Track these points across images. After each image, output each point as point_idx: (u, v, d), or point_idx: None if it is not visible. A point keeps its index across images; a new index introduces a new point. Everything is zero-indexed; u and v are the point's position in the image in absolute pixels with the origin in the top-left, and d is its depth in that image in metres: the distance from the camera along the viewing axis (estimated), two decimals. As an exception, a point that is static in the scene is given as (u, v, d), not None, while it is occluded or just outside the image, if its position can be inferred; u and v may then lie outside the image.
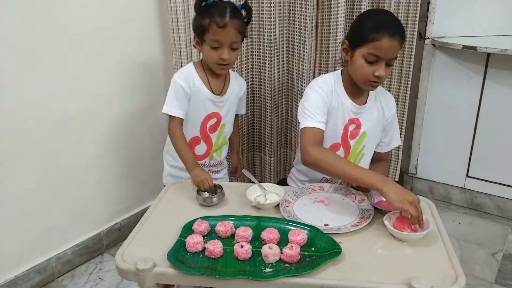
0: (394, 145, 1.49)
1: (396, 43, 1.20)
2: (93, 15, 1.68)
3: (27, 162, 1.61)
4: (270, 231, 1.07)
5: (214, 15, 1.32)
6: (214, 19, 1.31)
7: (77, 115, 1.72)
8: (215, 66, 1.39)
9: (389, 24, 1.22)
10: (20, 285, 1.67)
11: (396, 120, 1.47)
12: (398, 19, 1.27)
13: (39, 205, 1.68)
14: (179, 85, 1.39)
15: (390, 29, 1.20)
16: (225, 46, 1.35)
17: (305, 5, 1.88)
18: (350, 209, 1.23)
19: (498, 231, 2.10)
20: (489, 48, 1.92)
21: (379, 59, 1.21)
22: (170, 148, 1.48)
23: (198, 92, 1.42)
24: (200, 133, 1.49)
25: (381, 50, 1.20)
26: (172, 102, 1.39)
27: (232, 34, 1.34)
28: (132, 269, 0.99)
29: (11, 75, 1.50)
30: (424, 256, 1.03)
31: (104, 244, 1.97)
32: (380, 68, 1.22)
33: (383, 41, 1.19)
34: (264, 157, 2.22)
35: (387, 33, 1.19)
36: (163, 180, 1.61)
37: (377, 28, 1.20)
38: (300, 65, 2.01)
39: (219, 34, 1.32)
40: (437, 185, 2.37)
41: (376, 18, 1.25)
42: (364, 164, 1.45)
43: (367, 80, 1.26)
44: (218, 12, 1.32)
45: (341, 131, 1.37)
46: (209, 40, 1.34)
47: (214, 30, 1.32)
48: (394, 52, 1.21)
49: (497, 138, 2.12)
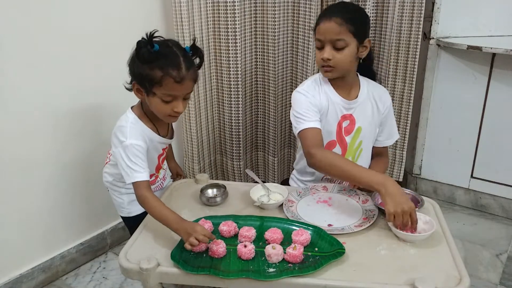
0: (393, 139, 1.48)
1: (333, 24, 1.25)
2: (97, 14, 1.69)
3: (32, 161, 1.61)
4: (274, 231, 1.07)
5: (168, 68, 1.12)
6: (169, 73, 1.12)
7: (81, 114, 1.72)
8: (166, 118, 1.23)
9: (327, 9, 1.33)
10: (25, 284, 1.68)
11: (392, 114, 1.45)
12: (344, 5, 1.37)
13: (43, 204, 1.69)
14: (137, 146, 1.19)
15: (328, 12, 1.29)
16: (179, 99, 1.18)
17: (309, 5, 1.88)
18: (353, 210, 1.22)
19: (502, 232, 2.09)
20: (494, 48, 1.91)
21: (322, 42, 1.28)
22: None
23: (151, 142, 1.28)
24: (155, 170, 1.40)
25: (319, 33, 1.28)
26: (134, 168, 1.17)
27: (189, 87, 1.18)
28: (135, 268, 1.00)
29: (13, 75, 1.51)
30: (428, 257, 1.03)
31: (108, 243, 1.97)
32: (324, 52, 1.27)
33: (321, 24, 1.27)
34: (268, 157, 2.23)
35: (324, 17, 1.27)
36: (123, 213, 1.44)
37: (319, 16, 1.31)
38: (304, 65, 2.01)
39: (175, 89, 1.15)
40: (442, 185, 2.36)
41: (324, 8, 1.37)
42: (363, 160, 1.44)
43: (321, 66, 1.31)
44: (172, 64, 1.13)
45: (335, 129, 1.37)
46: (162, 94, 1.16)
47: (169, 85, 1.14)
48: (334, 34, 1.25)
49: (502, 138, 2.11)
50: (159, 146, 1.33)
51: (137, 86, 1.20)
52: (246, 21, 1.95)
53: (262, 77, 2.09)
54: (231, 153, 2.12)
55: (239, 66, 1.95)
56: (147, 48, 1.12)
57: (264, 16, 1.96)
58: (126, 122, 1.24)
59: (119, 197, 1.43)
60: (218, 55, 1.94)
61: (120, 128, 1.23)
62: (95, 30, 1.69)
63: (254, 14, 1.98)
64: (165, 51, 1.15)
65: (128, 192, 1.42)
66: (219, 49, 1.93)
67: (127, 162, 1.18)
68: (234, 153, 2.11)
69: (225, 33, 1.87)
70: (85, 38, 1.67)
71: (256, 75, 2.10)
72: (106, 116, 1.81)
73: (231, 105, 2.00)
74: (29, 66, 1.53)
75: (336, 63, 1.27)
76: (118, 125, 1.26)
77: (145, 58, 1.12)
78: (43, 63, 1.57)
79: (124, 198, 1.42)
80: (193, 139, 1.96)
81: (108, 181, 1.43)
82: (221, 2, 1.83)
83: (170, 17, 1.80)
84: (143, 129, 1.25)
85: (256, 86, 2.12)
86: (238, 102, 2.00)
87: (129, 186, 1.41)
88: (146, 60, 1.13)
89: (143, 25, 1.85)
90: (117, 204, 1.45)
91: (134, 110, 1.28)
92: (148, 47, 1.12)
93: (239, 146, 2.09)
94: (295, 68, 2.09)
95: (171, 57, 1.14)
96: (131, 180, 1.17)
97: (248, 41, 2.00)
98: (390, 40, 2.01)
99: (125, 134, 1.20)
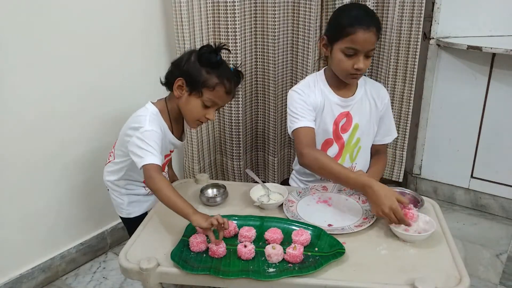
0: (391, 137, 1.48)
1: (371, 34, 1.23)
2: (97, 14, 1.69)
3: (32, 161, 1.61)
4: (274, 231, 1.07)
5: (224, 78, 1.23)
6: (224, 83, 1.23)
7: (80, 114, 1.72)
8: (193, 122, 1.30)
9: (363, 16, 1.25)
10: (25, 284, 1.68)
11: (390, 111, 1.45)
12: (372, 11, 1.33)
13: (43, 204, 1.69)
14: (155, 132, 1.22)
15: (364, 21, 1.23)
16: (215, 108, 1.28)
17: (309, 5, 1.88)
18: (353, 210, 1.22)
19: (502, 232, 2.09)
20: (494, 48, 1.91)
21: (357, 51, 1.24)
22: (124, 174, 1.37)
23: (164, 138, 1.30)
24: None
25: (357, 43, 1.23)
26: (149, 151, 1.18)
27: (229, 99, 1.30)
28: (135, 268, 1.00)
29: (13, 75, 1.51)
30: (428, 257, 1.03)
31: (108, 243, 1.97)
32: (358, 61, 1.25)
33: (359, 34, 1.22)
34: (268, 157, 2.23)
35: (362, 26, 1.22)
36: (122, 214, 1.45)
37: (352, 22, 1.23)
38: (304, 65, 2.01)
39: (222, 98, 1.26)
40: (442, 185, 2.36)
41: (350, 12, 1.29)
42: (362, 158, 1.44)
43: (348, 73, 1.28)
44: (228, 76, 1.25)
45: (331, 127, 1.38)
46: (207, 98, 1.24)
47: (219, 93, 1.24)
48: (371, 44, 1.24)
49: (502, 138, 2.11)
50: (169, 146, 1.36)
51: (182, 82, 1.25)
52: (246, 21, 1.95)
53: (262, 77, 2.09)
54: (231, 153, 2.12)
55: (239, 66, 1.94)
56: (212, 54, 1.22)
57: (264, 16, 1.96)
58: (145, 112, 1.27)
59: (119, 197, 1.43)
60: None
61: (138, 118, 1.27)
62: (95, 30, 1.69)
63: (254, 14, 1.98)
64: (224, 64, 1.26)
65: (129, 193, 1.43)
66: (219, 49, 1.92)
67: (141, 145, 1.18)
68: (234, 153, 2.11)
69: (225, 33, 1.87)
70: (85, 38, 1.67)
71: (256, 75, 2.10)
72: (106, 116, 1.81)
73: (231, 105, 2.00)
74: (29, 66, 1.53)
75: (365, 71, 1.29)
76: (135, 115, 1.30)
77: (208, 62, 1.22)
78: (43, 63, 1.57)
79: (125, 199, 1.43)
80: (193, 139, 1.96)
81: (109, 180, 1.43)
82: (221, 2, 1.83)
83: (170, 17, 1.80)
84: (161, 123, 1.29)
85: (256, 86, 2.12)
86: (238, 102, 2.00)
87: (130, 187, 1.41)
88: (209, 64, 1.23)
89: (143, 25, 1.86)
90: (116, 204, 1.45)
91: (156, 104, 1.31)
92: (213, 54, 1.23)
93: (239, 146, 2.09)
94: (295, 68, 2.09)
95: (226, 69, 1.26)
96: (143, 163, 1.16)
97: (248, 41, 2.00)
98: (390, 40, 2.01)
99: (143, 122, 1.23)
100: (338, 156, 1.41)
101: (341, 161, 1.41)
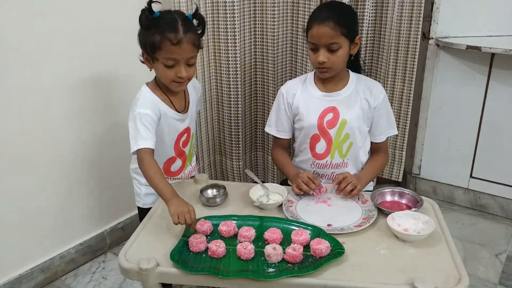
0: (390, 134, 1.47)
1: (327, 28, 1.26)
2: (96, 14, 1.69)
3: (31, 161, 1.61)
4: (273, 231, 1.07)
5: (165, 30, 1.17)
6: (166, 35, 1.17)
7: (79, 113, 1.72)
8: (172, 84, 1.26)
9: (319, 11, 1.31)
10: (24, 284, 1.68)
11: (386, 108, 1.43)
12: (335, 5, 1.38)
13: (42, 204, 1.69)
14: (145, 115, 1.23)
15: (319, 16, 1.28)
16: (181, 63, 1.22)
17: (308, 4, 1.88)
18: (353, 210, 1.22)
19: (502, 232, 2.09)
20: (494, 48, 1.91)
21: (316, 45, 1.29)
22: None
23: (165, 116, 1.30)
24: (175, 152, 1.39)
25: (313, 37, 1.29)
26: (140, 135, 1.21)
27: (188, 50, 1.21)
28: (135, 269, 0.99)
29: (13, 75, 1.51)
30: (428, 256, 1.03)
31: (108, 243, 1.97)
32: (320, 55, 1.29)
33: (314, 28, 1.28)
34: (267, 157, 2.22)
35: (316, 21, 1.27)
36: (139, 203, 1.47)
37: (310, 19, 1.31)
38: (303, 65, 2.01)
39: (174, 51, 1.19)
40: (441, 185, 2.36)
41: (315, 10, 1.36)
42: (356, 154, 1.43)
43: (316, 68, 1.34)
44: (169, 26, 1.18)
45: (316, 122, 1.39)
46: (163, 59, 1.21)
47: (167, 48, 1.18)
48: (328, 38, 1.26)
49: (501, 138, 2.11)
50: (176, 123, 1.35)
51: (144, 55, 1.25)
52: (245, 21, 1.95)
53: (261, 77, 2.09)
54: (230, 153, 2.12)
55: (238, 66, 1.95)
56: (145, 14, 1.19)
57: (263, 16, 1.96)
58: (139, 94, 1.29)
59: (139, 186, 1.45)
60: (218, 55, 1.94)
61: (134, 101, 1.28)
62: (95, 30, 1.69)
63: (253, 14, 1.98)
64: (164, 17, 1.20)
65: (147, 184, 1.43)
66: (219, 49, 1.93)
67: (132, 131, 1.22)
68: (233, 153, 2.11)
69: (224, 33, 1.87)
70: (85, 37, 1.67)
71: (256, 75, 2.10)
72: (106, 117, 1.81)
73: (230, 105, 2.00)
74: (29, 66, 1.53)
75: (332, 64, 1.30)
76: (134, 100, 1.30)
77: (146, 24, 1.20)
78: (43, 63, 1.57)
79: (143, 189, 1.44)
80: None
81: (131, 168, 1.46)
82: (220, 2, 1.83)
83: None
84: (154, 100, 1.28)
85: (255, 86, 2.12)
86: (238, 102, 2.00)
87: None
88: (147, 25, 1.20)
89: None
90: (135, 193, 1.47)
91: (149, 84, 1.32)
92: (147, 13, 1.18)
93: (238, 146, 2.09)
94: (294, 67, 2.09)
95: (169, 22, 1.20)
96: (134, 148, 1.20)
97: (248, 41, 2.00)
98: (390, 40, 2.01)
99: (136, 104, 1.25)
100: (326, 152, 1.41)
101: (330, 157, 1.41)
